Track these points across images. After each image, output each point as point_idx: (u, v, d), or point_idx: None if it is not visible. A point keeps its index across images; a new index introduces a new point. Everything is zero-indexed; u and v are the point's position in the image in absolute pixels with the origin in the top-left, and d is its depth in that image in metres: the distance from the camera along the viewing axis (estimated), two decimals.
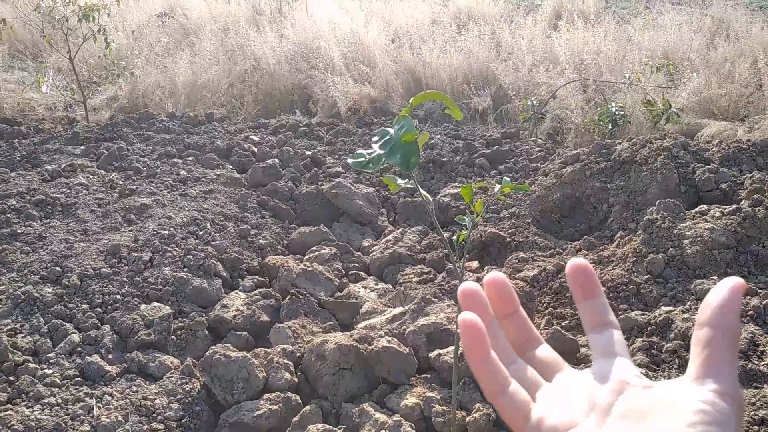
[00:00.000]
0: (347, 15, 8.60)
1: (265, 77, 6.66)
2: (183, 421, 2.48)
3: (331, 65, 6.67)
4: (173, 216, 3.74)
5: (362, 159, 1.42)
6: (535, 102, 5.55)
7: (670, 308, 2.82)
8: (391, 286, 3.40)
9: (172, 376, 2.64)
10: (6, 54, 7.29)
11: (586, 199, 4.02)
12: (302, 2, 9.15)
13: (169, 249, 3.43)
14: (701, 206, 3.45)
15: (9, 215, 3.65)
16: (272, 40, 7.08)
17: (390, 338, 2.73)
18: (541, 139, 5.42)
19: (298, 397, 2.56)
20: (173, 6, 8.99)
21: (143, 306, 3.02)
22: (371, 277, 3.58)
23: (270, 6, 9.01)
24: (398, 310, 3.04)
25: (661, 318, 2.75)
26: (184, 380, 2.63)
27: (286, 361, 2.71)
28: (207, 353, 2.65)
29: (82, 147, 4.73)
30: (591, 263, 3.24)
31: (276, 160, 4.68)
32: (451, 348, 2.67)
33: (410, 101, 1.50)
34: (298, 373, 2.73)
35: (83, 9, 5.55)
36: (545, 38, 7.34)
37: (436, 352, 2.70)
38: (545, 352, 0.56)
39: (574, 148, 5.00)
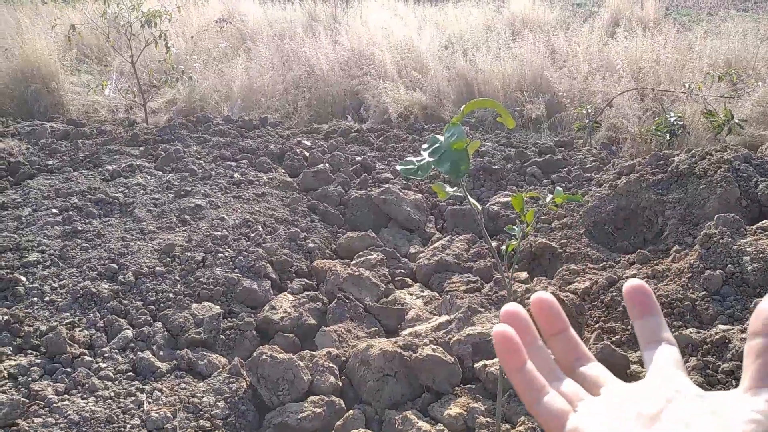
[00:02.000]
0: (401, 21, 8.63)
1: (319, 83, 6.74)
2: (229, 420, 2.53)
3: (383, 72, 6.70)
4: (226, 217, 3.83)
5: (412, 166, 1.41)
6: (590, 110, 5.44)
7: (728, 327, 2.71)
8: (437, 294, 3.39)
9: (219, 375, 2.69)
10: (74, 58, 7.60)
11: (641, 212, 3.91)
12: (357, 9, 9.24)
13: (221, 250, 3.50)
14: (763, 222, 3.31)
15: (71, 212, 3.80)
16: (326, 47, 7.17)
17: (435, 347, 2.72)
18: (595, 148, 5.31)
19: (341, 401, 2.57)
20: (231, 12, 9.22)
21: (194, 305, 3.09)
22: (417, 284, 3.57)
23: (325, 12, 9.13)
24: (444, 318, 3.02)
25: (717, 337, 2.64)
26: (231, 379, 2.67)
27: (331, 365, 2.72)
28: (254, 354, 2.69)
29: (141, 148, 4.89)
30: (645, 277, 3.15)
31: (327, 164, 4.73)
32: (497, 359, 2.63)
33: (462, 108, 1.49)
34: (343, 378, 2.74)
35: (146, 15, 5.75)
36: (602, 46, 7.19)
37: (481, 363, 2.67)
38: (595, 369, 0.53)
39: (630, 158, 4.87)
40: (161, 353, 2.82)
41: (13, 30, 7.56)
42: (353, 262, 3.67)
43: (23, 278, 3.17)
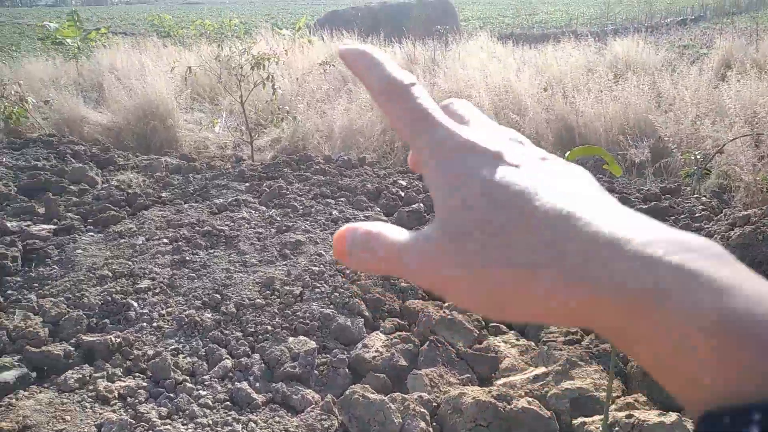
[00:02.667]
0: (499, 64, 8.65)
1: None
2: None
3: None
4: (324, 253, 3.92)
5: None
6: (699, 156, 5.19)
7: None
8: (533, 344, 3.29)
9: (312, 411, 2.73)
10: (188, 97, 8.14)
11: (757, 266, 3.65)
12: (455, 52, 9.36)
13: (318, 285, 3.58)
14: None
15: (180, 243, 4.03)
16: (425, 89, 7.29)
17: (530, 399, 2.63)
18: (705, 196, 5.04)
19: None
20: (334, 55, 9.59)
21: (291, 338, 3.17)
22: (512, 331, 3.49)
23: (424, 55, 9.32)
24: (540, 370, 2.92)
25: None
26: (323, 416, 2.70)
27: (422, 410, 2.69)
28: (347, 392, 2.71)
29: (247, 184, 5.13)
30: None
31: (421, 204, 4.76)
32: (597, 417, 2.51)
33: (566, 155, 1.47)
34: (434, 424, 2.69)
35: (256, 58, 6.09)
36: (712, 89, 6.89)
37: (580, 420, 2.55)
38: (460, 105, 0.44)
39: (744, 208, 4.58)
40: (257, 385, 2.89)
41: (138, 71, 8.23)
42: (446, 304, 3.64)
43: (135, 303, 3.38)
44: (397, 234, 0.37)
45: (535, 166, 0.35)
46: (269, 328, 3.24)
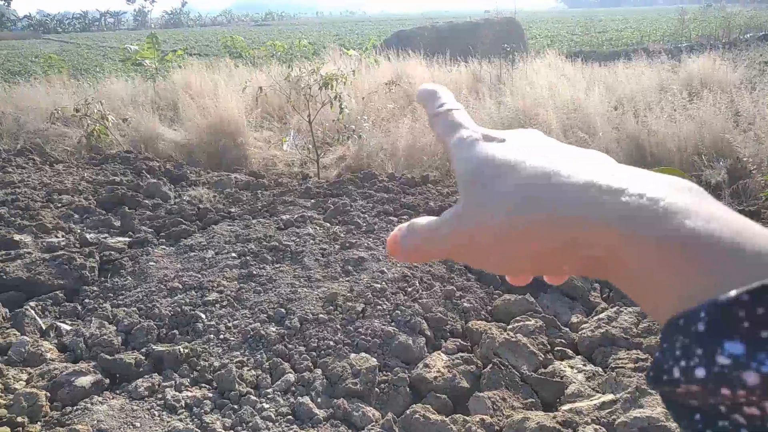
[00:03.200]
0: (567, 82, 8.51)
1: None
2: None
3: (548, 132, 6.61)
4: (386, 271, 3.93)
5: None
6: None
7: None
8: (600, 369, 3.18)
9: (372, 429, 2.72)
10: (258, 116, 8.38)
11: None
12: (522, 70, 9.27)
13: (380, 302, 3.58)
14: None
15: (248, 257, 4.13)
16: (490, 107, 7.25)
17: (597, 427, 2.54)
18: None
19: None
20: (399, 75, 9.68)
21: (352, 355, 3.17)
22: (579, 356, 3.38)
23: (490, 74, 9.27)
24: (608, 397, 2.81)
25: None
26: None
27: None
28: (408, 411, 2.68)
29: (312, 200, 5.22)
30: None
31: None
32: None
33: None
34: None
35: (324, 78, 6.22)
36: None
37: None
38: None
39: None
40: (319, 400, 2.91)
41: (211, 91, 8.54)
42: (510, 326, 3.57)
43: (203, 315, 3.47)
44: (433, 218, 0.46)
45: (530, 145, 0.43)
46: (331, 343, 3.26)
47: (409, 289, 3.78)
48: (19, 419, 2.59)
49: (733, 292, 0.28)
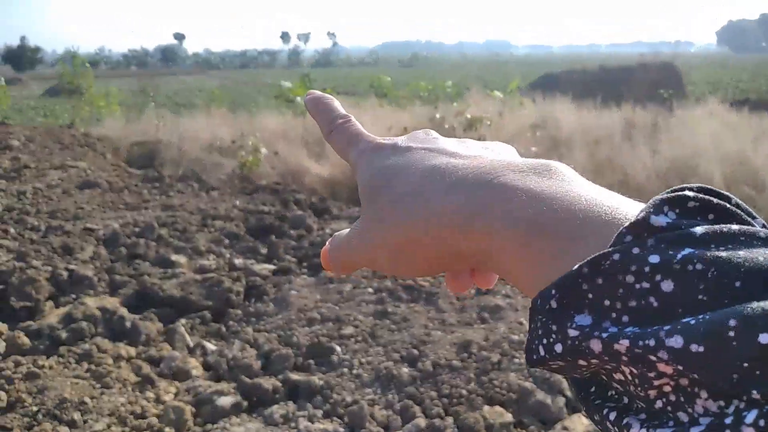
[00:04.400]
0: (732, 132, 7.87)
1: (632, 191, 6.42)
2: None
3: (709, 185, 6.12)
4: (524, 322, 3.76)
5: None
6: None
7: None
8: None
9: None
10: None
11: None
12: (681, 117, 8.72)
13: (517, 355, 3.42)
14: None
15: (384, 294, 4.14)
16: (644, 155, 6.86)
17: None
18: None
19: None
20: (545, 118, 9.47)
21: (486, 407, 3.04)
22: None
23: (645, 120, 8.80)
24: None
25: None
26: None
27: None
28: None
29: None
30: None
31: None
32: None
33: None
34: None
35: (470, 120, 6.21)
36: None
37: None
38: None
39: None
40: None
41: None
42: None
43: (338, 348, 3.50)
44: (347, 231, 0.47)
45: (414, 149, 0.44)
46: (464, 392, 3.15)
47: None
48: (167, 430, 2.73)
49: (575, 267, 0.29)
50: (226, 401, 2.94)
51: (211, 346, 3.60)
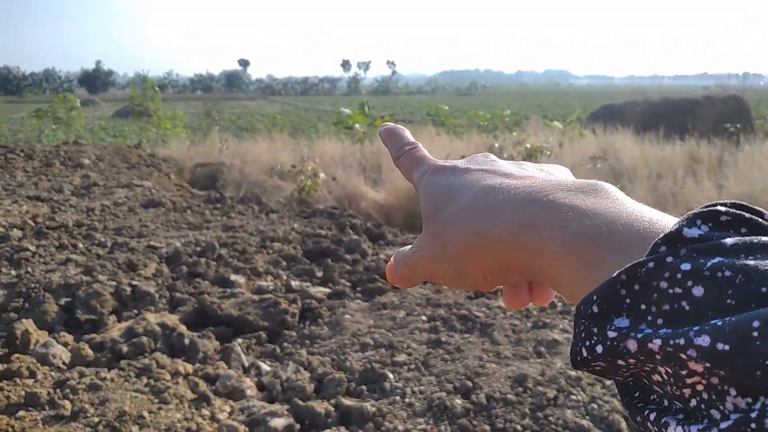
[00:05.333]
0: None
1: None
2: None
3: None
4: None
5: None
6: None
7: None
8: None
9: None
10: None
11: None
12: (748, 153, 8.41)
13: (574, 392, 3.33)
14: None
15: (437, 323, 4.11)
16: (710, 190, 6.63)
17: None
18: None
19: None
20: (606, 149, 9.29)
21: None
22: None
23: (710, 154, 8.54)
24: None
25: None
26: None
27: None
28: None
29: None
30: None
31: None
32: None
33: None
34: None
35: (529, 150, 6.16)
36: None
37: None
38: None
39: None
40: None
41: None
42: None
43: (391, 375, 3.48)
44: (409, 247, 0.50)
45: (472, 171, 0.47)
46: (518, 428, 3.08)
47: (608, 383, 3.47)
48: None
49: (614, 275, 0.31)
50: (279, 423, 2.96)
51: (265, 366, 3.64)
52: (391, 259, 0.52)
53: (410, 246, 0.50)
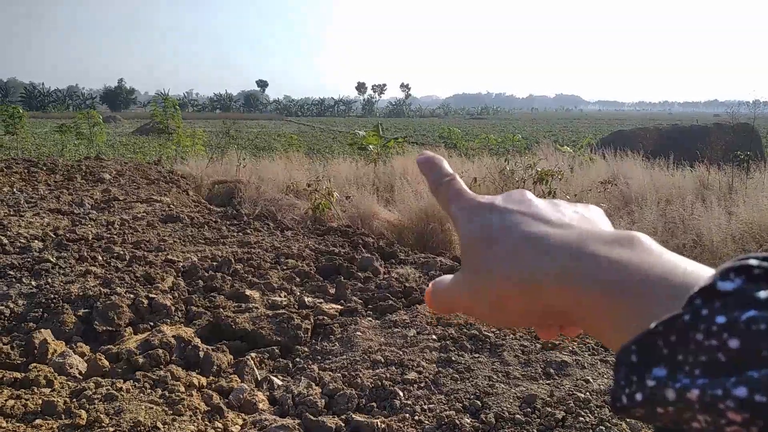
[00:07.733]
0: None
1: (705, 253, 6.25)
2: None
3: None
4: (591, 380, 3.70)
5: None
6: None
7: None
8: None
9: None
10: None
11: None
12: (758, 180, 8.44)
13: (583, 414, 3.36)
14: None
15: (448, 342, 4.16)
16: (719, 217, 6.66)
17: None
18: None
19: None
20: (616, 174, 9.35)
21: None
22: None
23: (719, 181, 8.57)
24: None
25: None
26: None
27: None
28: None
29: None
30: None
31: None
32: None
33: None
34: None
35: (540, 174, 6.24)
36: None
37: None
38: None
39: None
40: None
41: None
42: None
43: (401, 393, 3.54)
44: (450, 278, 0.52)
45: (512, 212, 0.49)
46: None
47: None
48: None
49: (652, 325, 0.33)
50: None
51: (278, 381, 3.70)
52: (430, 284, 0.55)
53: (450, 276, 0.53)
